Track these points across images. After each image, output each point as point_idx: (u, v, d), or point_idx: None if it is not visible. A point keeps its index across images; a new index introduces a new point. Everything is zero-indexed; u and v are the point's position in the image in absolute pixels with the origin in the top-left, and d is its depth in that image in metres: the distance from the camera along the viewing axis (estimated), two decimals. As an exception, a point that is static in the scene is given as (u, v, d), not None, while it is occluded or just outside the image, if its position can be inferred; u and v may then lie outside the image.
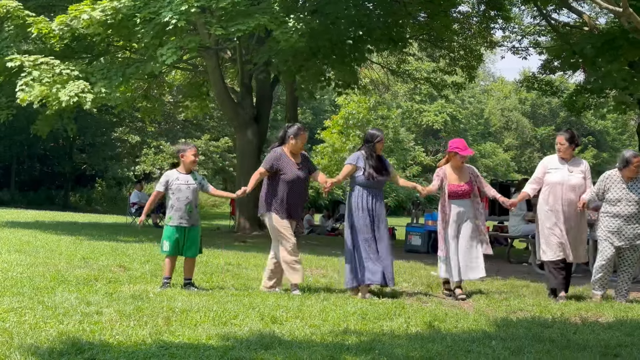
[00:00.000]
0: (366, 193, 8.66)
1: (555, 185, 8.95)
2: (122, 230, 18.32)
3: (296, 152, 8.66)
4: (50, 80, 14.67)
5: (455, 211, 9.02)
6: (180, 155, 8.41)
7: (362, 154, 8.79)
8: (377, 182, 8.72)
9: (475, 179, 9.20)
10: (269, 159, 8.55)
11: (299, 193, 8.60)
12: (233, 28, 13.77)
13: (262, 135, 20.73)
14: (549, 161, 9.26)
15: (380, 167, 8.75)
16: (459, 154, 9.07)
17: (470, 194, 9.09)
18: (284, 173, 8.46)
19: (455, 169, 9.16)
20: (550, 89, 23.94)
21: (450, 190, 9.03)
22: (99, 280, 8.36)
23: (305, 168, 8.71)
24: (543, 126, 62.48)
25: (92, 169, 41.18)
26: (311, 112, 52.95)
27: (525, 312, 7.66)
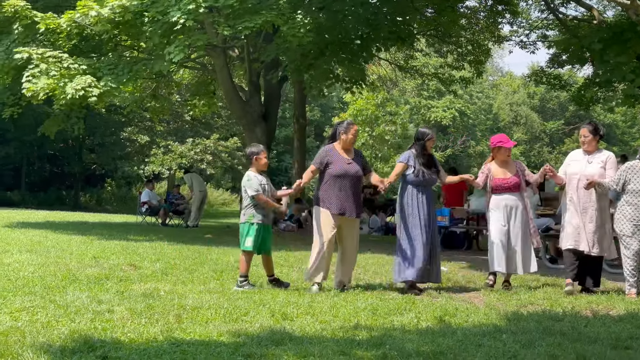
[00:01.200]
0: (416, 191, 8.76)
1: (572, 176, 9.02)
2: (132, 229, 18.37)
3: (348, 147, 8.70)
4: (57, 74, 14.69)
5: (503, 204, 9.13)
6: (255, 158, 8.55)
7: (413, 152, 8.89)
8: (427, 180, 8.81)
9: (522, 172, 9.29)
10: (317, 156, 8.71)
11: (350, 189, 8.54)
12: (240, 26, 13.77)
13: (270, 133, 20.74)
14: (572, 154, 9.34)
15: (430, 165, 8.85)
16: (503, 147, 9.20)
17: (518, 187, 9.19)
18: (332, 168, 8.51)
19: (501, 163, 9.27)
20: (559, 82, 23.85)
21: (495, 184, 9.17)
22: (110, 279, 8.40)
23: (358, 165, 8.66)
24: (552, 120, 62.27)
25: (101, 168, 41.27)
26: (319, 110, 52.89)
27: (535, 306, 7.66)
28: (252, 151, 8.65)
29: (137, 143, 39.74)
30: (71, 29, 15.15)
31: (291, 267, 10.40)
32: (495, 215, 9.17)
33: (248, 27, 13.64)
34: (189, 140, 39.98)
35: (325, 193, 8.51)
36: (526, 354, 5.17)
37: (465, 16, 22.14)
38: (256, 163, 8.55)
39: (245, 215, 8.45)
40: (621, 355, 5.23)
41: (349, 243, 8.70)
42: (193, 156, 39.80)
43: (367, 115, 39.11)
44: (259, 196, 8.34)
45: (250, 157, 8.61)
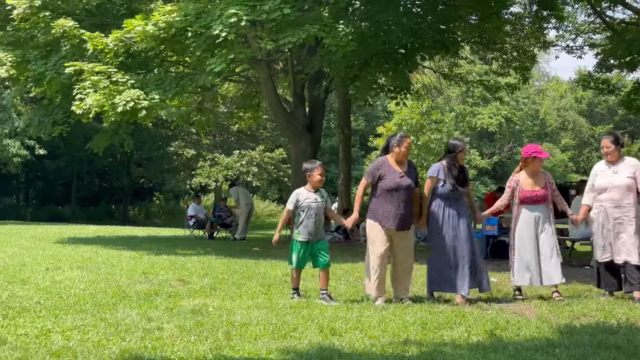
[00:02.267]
0: (444, 204, 8.69)
1: (600, 188, 9.05)
2: (180, 243, 18.53)
3: (401, 159, 8.62)
4: (106, 88, 14.91)
5: (532, 216, 9.02)
6: (308, 175, 8.57)
7: (442, 165, 8.79)
8: (459, 193, 8.73)
9: (550, 185, 9.16)
10: (369, 169, 8.65)
11: (403, 201, 8.48)
12: (283, 40, 13.82)
13: (315, 145, 20.76)
14: (597, 167, 9.35)
15: (461, 178, 8.76)
16: (537, 157, 9.07)
17: (545, 199, 9.06)
18: (384, 181, 8.46)
19: (531, 174, 9.14)
20: (607, 87, 23.50)
21: (524, 196, 9.04)
22: (159, 295, 8.45)
23: (412, 177, 8.62)
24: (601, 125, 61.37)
25: (149, 182, 41.80)
26: (364, 119, 52.86)
27: (589, 318, 7.50)
28: (305, 168, 8.66)
29: (183, 157, 40.18)
30: (118, 48, 15.38)
31: (339, 280, 10.37)
32: (523, 228, 9.03)
33: (291, 41, 13.68)
34: (235, 153, 40.28)
35: (378, 207, 8.47)
36: (580, 370, 5.07)
37: (510, 22, 21.94)
38: (309, 180, 8.55)
39: (293, 232, 8.51)
40: (680, 370, 5.10)
41: (402, 256, 8.64)
42: (239, 168, 40.10)
43: (412, 124, 38.96)
44: (285, 211, 8.54)
45: (304, 173, 8.61)
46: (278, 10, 13.63)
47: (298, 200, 8.45)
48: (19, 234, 20.61)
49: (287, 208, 8.49)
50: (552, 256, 8.94)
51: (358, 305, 8.01)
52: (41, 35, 16.65)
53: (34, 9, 16.19)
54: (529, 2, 22.38)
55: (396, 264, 8.66)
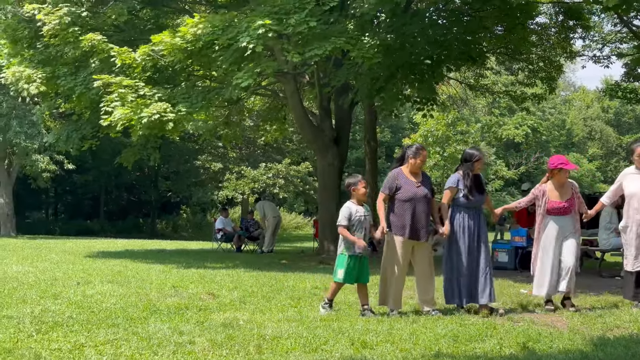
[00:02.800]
0: (465, 212, 8.74)
1: (632, 195, 9.00)
2: (208, 256, 18.60)
3: (416, 171, 8.69)
4: (134, 101, 15.04)
5: (557, 226, 8.98)
6: (352, 189, 8.54)
7: (460, 174, 8.85)
8: (475, 202, 8.76)
9: (577, 195, 9.14)
10: (386, 182, 8.67)
11: (421, 212, 8.54)
12: (310, 53, 13.88)
13: (342, 157, 20.77)
14: (626, 172, 9.29)
15: (478, 186, 8.79)
16: (563, 169, 9.02)
17: (571, 210, 9.04)
18: (401, 192, 8.51)
19: (558, 185, 9.10)
20: (635, 96, 23.31)
21: (551, 207, 9.01)
22: (190, 308, 8.49)
23: (427, 187, 8.69)
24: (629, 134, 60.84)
25: (176, 196, 42.02)
26: (390, 131, 52.83)
27: (622, 329, 7.44)
28: (349, 182, 8.61)
29: (210, 170, 40.35)
30: (145, 62, 15.52)
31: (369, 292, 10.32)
32: (548, 238, 8.99)
33: (317, 54, 13.73)
34: (262, 165, 40.41)
35: (397, 218, 8.49)
36: (616, 383, 5.02)
37: (535, 33, 21.83)
38: (354, 194, 8.50)
39: (340, 246, 8.44)
40: None
41: (423, 267, 8.66)
42: (265, 181, 40.20)
43: (437, 135, 38.86)
44: (340, 228, 8.35)
45: (348, 188, 8.57)
46: (304, 23, 13.69)
47: (351, 215, 8.37)
48: (49, 248, 20.81)
49: (342, 224, 8.32)
50: (573, 265, 8.89)
51: (389, 317, 8.00)
52: (70, 51, 16.84)
53: (64, 25, 16.38)
54: (554, 13, 22.24)
55: (418, 276, 8.71)
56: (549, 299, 9.03)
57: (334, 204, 19.85)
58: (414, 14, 16.42)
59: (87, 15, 17.13)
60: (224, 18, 14.53)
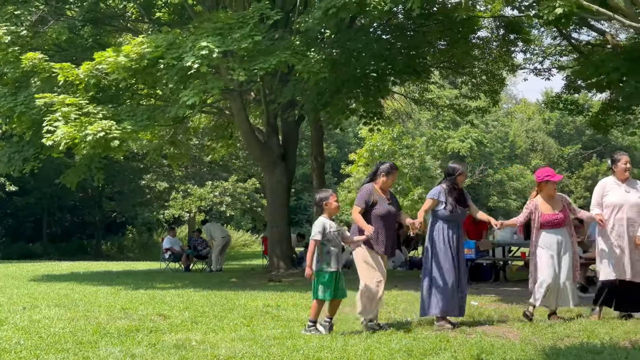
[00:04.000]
0: (446, 226, 8.78)
1: (615, 206, 9.03)
2: (157, 276, 18.37)
3: (385, 188, 8.79)
4: (77, 120, 14.80)
5: (553, 240, 9.04)
6: (325, 204, 8.37)
7: (443, 187, 8.90)
8: (459, 215, 8.85)
9: (568, 206, 9.22)
10: (361, 197, 8.66)
11: (391, 228, 8.67)
12: (255, 68, 13.86)
13: (290, 174, 20.76)
14: (605, 183, 9.33)
15: (461, 200, 8.88)
16: (551, 180, 9.11)
17: (565, 222, 9.10)
18: (377, 208, 8.56)
19: (548, 198, 9.18)
20: (576, 108, 23.77)
21: (545, 220, 9.08)
22: (140, 330, 8.33)
23: (395, 205, 8.80)
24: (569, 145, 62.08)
25: (122, 216, 41.41)
26: (336, 146, 53.00)
27: (572, 339, 7.53)
28: (320, 197, 8.46)
29: (156, 189, 39.94)
30: (89, 79, 15.31)
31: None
32: (544, 252, 9.05)
33: (262, 67, 13.72)
34: (208, 183, 40.14)
35: (373, 233, 8.45)
36: (571, 392, 5.06)
37: (478, 47, 22.14)
38: (327, 208, 8.35)
39: (319, 263, 8.23)
40: (668, 389, 5.11)
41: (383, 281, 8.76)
42: (212, 199, 39.94)
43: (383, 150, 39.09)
44: (311, 242, 8.21)
45: (320, 203, 8.41)
46: (249, 38, 13.69)
47: (325, 229, 8.22)
48: (-8, 272, 20.30)
49: (315, 239, 8.15)
50: (570, 278, 8.99)
51: (343, 334, 7.97)
52: (10, 71, 16.51)
53: (3, 44, 16.10)
54: (496, 27, 22.60)
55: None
56: (552, 312, 9.09)
57: (283, 221, 19.83)
58: (358, 29, 16.57)
59: (27, 34, 16.86)
60: (168, 37, 14.43)
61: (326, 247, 8.22)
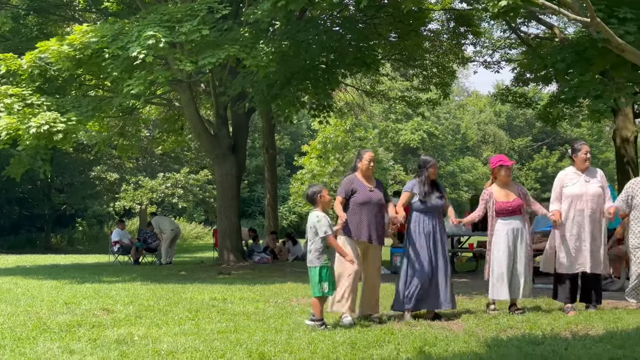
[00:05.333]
0: (422, 218, 8.82)
1: (574, 197, 9.07)
2: (105, 270, 18.12)
3: (368, 174, 8.75)
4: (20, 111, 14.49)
5: (509, 228, 9.03)
6: (319, 197, 8.21)
7: (417, 180, 8.97)
8: (433, 207, 8.85)
9: (524, 196, 9.22)
10: (342, 187, 8.68)
11: (375, 216, 8.59)
12: (203, 61, 13.71)
13: (240, 165, 20.65)
14: (565, 174, 9.35)
15: (435, 192, 8.92)
16: (504, 165, 9.13)
17: (521, 210, 9.10)
18: (356, 196, 8.54)
19: (503, 185, 9.19)
20: (525, 100, 24.04)
21: (499, 208, 9.08)
22: (82, 325, 8.19)
23: (380, 192, 8.74)
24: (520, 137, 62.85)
25: (71, 208, 40.81)
26: (289, 138, 52.92)
27: (515, 330, 7.60)
28: (314, 191, 8.27)
29: (106, 181, 39.44)
30: (32, 69, 15.00)
31: (267, 302, 10.24)
32: (500, 240, 9.04)
33: (210, 62, 13.57)
34: (160, 175, 39.79)
35: (352, 221, 8.49)
36: (509, 384, 5.09)
37: (428, 39, 22.27)
38: (322, 201, 8.20)
39: (319, 259, 8.04)
40: (604, 379, 5.17)
41: (373, 271, 8.75)
42: (164, 191, 39.60)
43: (336, 142, 39.16)
44: (330, 238, 8.04)
45: (314, 197, 8.22)
46: (197, 32, 13.53)
47: (329, 222, 8.07)
48: None
49: (329, 234, 8.00)
50: (526, 268, 8.99)
51: (287, 327, 7.92)
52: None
53: (-57, 35, 15.73)
54: (446, 19, 22.76)
55: (367, 279, 8.73)
56: (512, 303, 9.06)
57: (234, 213, 19.72)
58: (308, 21, 16.48)
59: (-31, 24, 16.48)
60: (114, 27, 14.20)
61: (324, 241, 8.09)
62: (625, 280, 11.73)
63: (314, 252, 8.09)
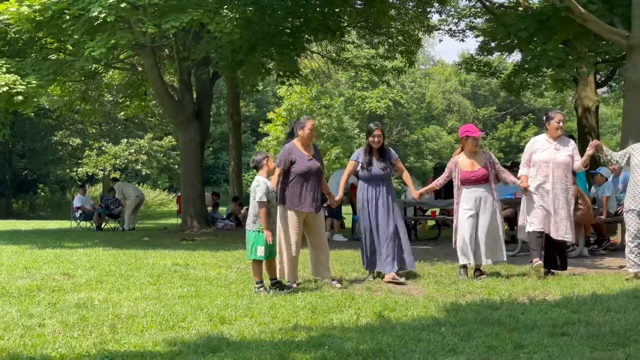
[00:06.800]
0: (367, 185, 9.04)
1: (542, 163, 9.17)
2: (66, 235, 18.00)
3: (307, 143, 8.70)
4: None
5: (473, 197, 9.14)
6: (266, 162, 8.16)
7: (363, 148, 9.12)
8: (376, 175, 8.99)
9: (492, 165, 9.28)
10: (281, 157, 8.63)
11: (315, 185, 8.60)
12: (166, 24, 13.54)
13: (204, 132, 20.54)
14: (535, 141, 9.48)
15: (381, 159, 9.04)
16: (471, 136, 9.18)
17: (487, 179, 9.18)
18: (296, 166, 8.52)
19: (469, 154, 9.27)
20: (489, 70, 24.11)
21: (463, 177, 9.20)
22: (42, 290, 8.14)
23: (318, 160, 8.73)
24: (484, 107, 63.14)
25: (33, 174, 40.37)
26: (254, 105, 52.66)
27: (474, 295, 7.70)
28: (259, 158, 8.21)
29: (69, 146, 39.02)
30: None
31: (229, 268, 10.25)
32: (464, 208, 9.17)
33: (174, 26, 13.42)
34: (123, 141, 39.44)
35: (292, 191, 8.51)
36: (465, 347, 5.16)
37: (394, 7, 22.20)
38: (266, 166, 8.14)
39: (256, 223, 8.04)
40: (558, 342, 5.26)
41: (318, 237, 8.79)
42: (127, 157, 39.30)
43: (302, 109, 39.06)
44: (262, 206, 7.97)
45: (261, 162, 8.15)
46: (159, -7, 13.36)
47: (268, 190, 8.04)
48: None
49: (262, 201, 7.92)
50: (491, 235, 9.11)
51: (249, 292, 7.94)
52: None
53: None
54: (412, -14, 22.70)
55: (314, 247, 8.79)
56: (477, 268, 9.22)
57: (197, 180, 19.64)
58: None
59: None
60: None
61: (268, 207, 8.06)
62: (583, 248, 11.95)
63: (252, 216, 8.13)
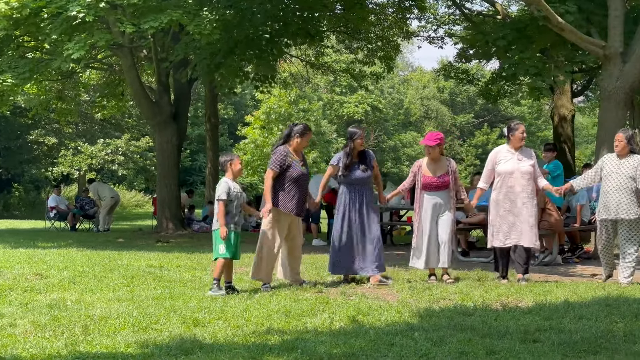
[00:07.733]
0: (346, 189, 9.08)
1: (506, 174, 9.23)
2: (40, 235, 17.87)
3: (299, 150, 8.86)
4: None
5: (431, 203, 9.26)
6: (230, 164, 8.30)
7: (343, 152, 9.14)
8: (356, 179, 9.04)
9: (452, 174, 9.36)
10: (276, 159, 8.65)
11: (304, 190, 8.79)
12: (145, 25, 13.49)
13: (181, 134, 20.49)
14: (498, 152, 9.55)
15: (362, 164, 9.08)
16: (426, 145, 9.32)
17: (447, 186, 9.27)
18: (291, 170, 8.61)
19: (431, 161, 9.35)
20: (467, 77, 24.25)
21: (424, 182, 9.30)
22: (14, 289, 8.08)
23: (306, 166, 8.94)
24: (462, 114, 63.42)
25: (7, 173, 39.99)
26: (232, 108, 52.52)
27: (448, 301, 7.72)
28: (225, 159, 8.41)
29: (44, 145, 38.68)
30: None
31: (204, 270, 10.21)
32: (423, 213, 9.30)
33: (153, 26, 13.37)
34: (100, 141, 39.18)
35: (286, 195, 8.60)
36: (437, 352, 5.18)
37: (374, 12, 22.25)
38: (232, 169, 8.30)
39: (217, 222, 8.19)
40: (529, 349, 5.29)
41: (297, 241, 8.95)
42: (104, 157, 39.04)
43: (280, 112, 38.98)
44: (220, 205, 8.12)
45: (225, 164, 8.34)
46: (138, -7, 13.31)
47: (230, 189, 8.18)
48: None
49: (222, 199, 8.09)
50: (445, 241, 9.22)
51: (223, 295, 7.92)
52: None
53: None
54: (392, -7, 22.75)
55: (294, 249, 8.91)
56: (431, 273, 9.35)
57: (173, 181, 19.58)
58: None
59: None
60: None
61: (228, 206, 8.19)
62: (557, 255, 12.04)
63: (215, 215, 8.27)
